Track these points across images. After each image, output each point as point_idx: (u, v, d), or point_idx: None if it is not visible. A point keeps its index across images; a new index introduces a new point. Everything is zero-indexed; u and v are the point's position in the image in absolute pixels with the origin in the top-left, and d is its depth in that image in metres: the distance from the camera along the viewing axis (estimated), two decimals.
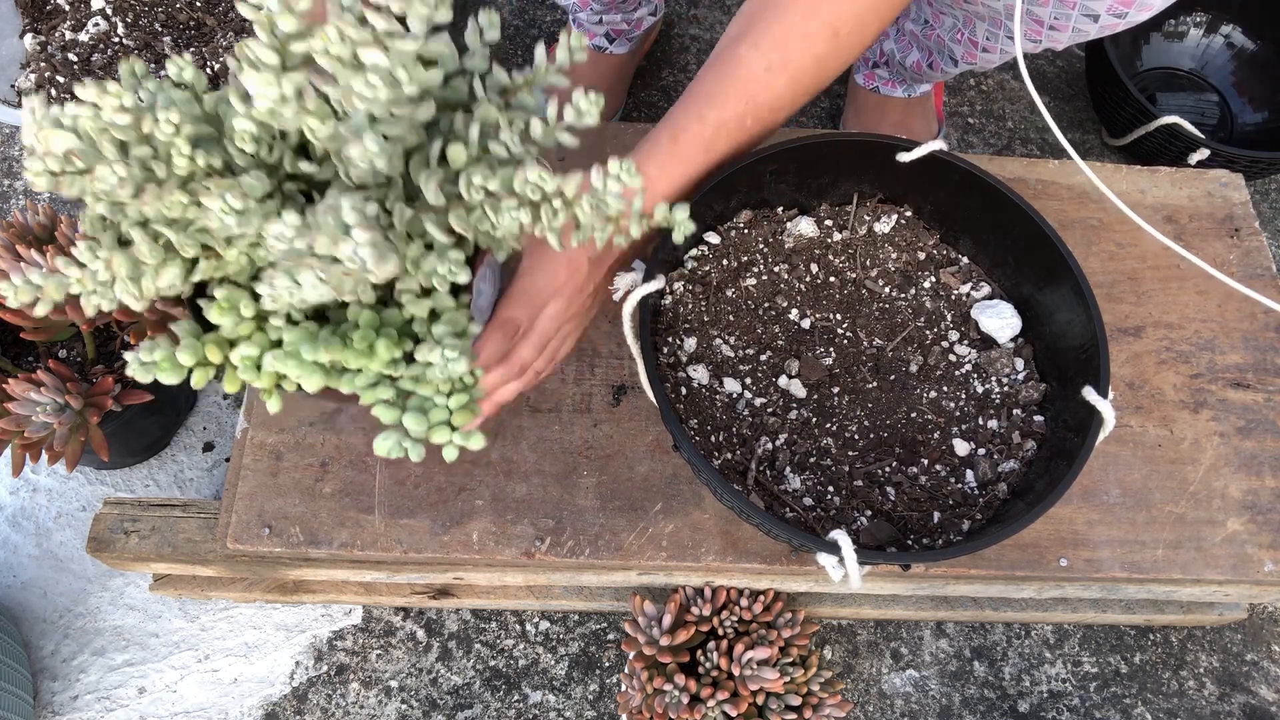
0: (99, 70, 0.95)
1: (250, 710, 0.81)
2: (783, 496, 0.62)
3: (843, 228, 0.72)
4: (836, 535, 0.55)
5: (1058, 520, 0.69)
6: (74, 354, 0.80)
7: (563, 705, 0.83)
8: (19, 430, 0.69)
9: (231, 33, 0.97)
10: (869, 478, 0.64)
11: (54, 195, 1.03)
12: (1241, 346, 0.77)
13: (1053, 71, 1.23)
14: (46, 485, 0.89)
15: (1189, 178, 0.85)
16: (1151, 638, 0.89)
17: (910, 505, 0.62)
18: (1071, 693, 0.86)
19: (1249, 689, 0.88)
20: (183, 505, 0.72)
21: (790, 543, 0.61)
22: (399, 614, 0.85)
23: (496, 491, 0.67)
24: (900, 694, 0.85)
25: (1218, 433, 0.74)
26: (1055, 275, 0.65)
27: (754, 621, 0.75)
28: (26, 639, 0.82)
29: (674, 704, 0.70)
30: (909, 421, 0.66)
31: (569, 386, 0.71)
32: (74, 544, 0.86)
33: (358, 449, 0.68)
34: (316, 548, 0.65)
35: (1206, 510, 0.71)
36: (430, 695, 0.82)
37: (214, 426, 0.92)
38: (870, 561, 0.56)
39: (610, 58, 1.05)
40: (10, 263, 0.69)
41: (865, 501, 0.62)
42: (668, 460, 0.69)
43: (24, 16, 0.98)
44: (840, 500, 0.63)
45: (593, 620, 0.86)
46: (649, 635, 0.74)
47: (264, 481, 0.66)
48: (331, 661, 0.83)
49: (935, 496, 0.63)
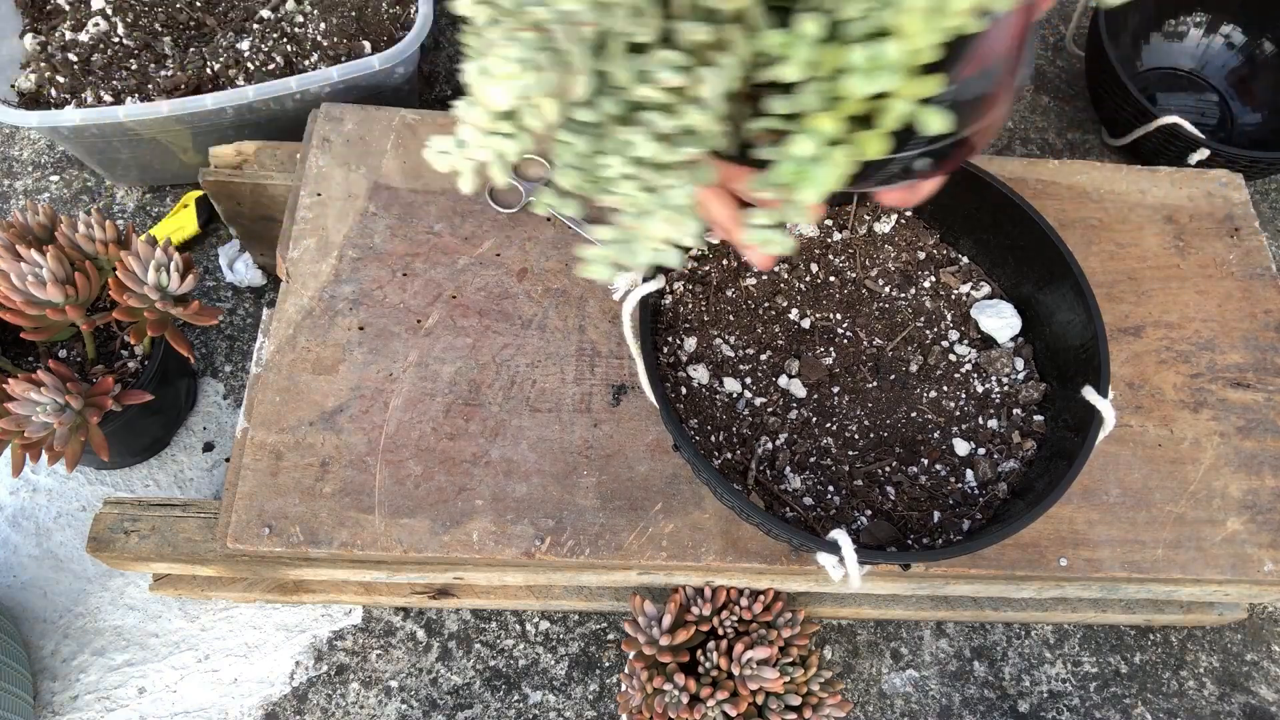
0: (99, 70, 0.95)
1: (250, 710, 0.81)
2: (783, 496, 0.62)
3: (843, 227, 0.72)
4: (836, 535, 0.55)
5: (1058, 520, 0.69)
6: (74, 354, 0.80)
7: (563, 705, 0.83)
8: (19, 430, 0.69)
9: (231, 32, 0.97)
10: (869, 477, 0.64)
11: (54, 196, 1.03)
12: (1241, 346, 0.77)
13: (1053, 71, 1.23)
14: (46, 485, 0.89)
15: (1189, 178, 0.85)
16: (1151, 638, 0.89)
17: (910, 505, 0.62)
18: (1071, 693, 0.86)
19: (1249, 689, 0.88)
20: (183, 505, 0.72)
21: (790, 542, 0.61)
22: (399, 614, 0.85)
23: (496, 491, 0.67)
24: (900, 694, 0.85)
25: (1218, 432, 0.74)
26: (1055, 275, 0.65)
27: (754, 621, 0.75)
28: (26, 639, 0.82)
29: (674, 704, 0.70)
30: (909, 421, 0.66)
31: (569, 386, 0.71)
32: (74, 544, 0.86)
33: (358, 449, 0.68)
34: (316, 547, 0.65)
35: (1206, 510, 0.71)
36: (430, 695, 0.82)
37: (214, 426, 0.92)
38: (870, 561, 0.56)
39: None
40: (10, 262, 0.69)
41: (865, 501, 0.62)
42: (668, 460, 0.69)
43: (24, 16, 0.98)
44: (840, 500, 0.63)
45: (593, 620, 0.86)
46: (649, 635, 0.74)
47: (264, 481, 0.66)
48: (331, 661, 0.83)
49: (935, 496, 0.63)
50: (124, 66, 0.95)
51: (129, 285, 0.70)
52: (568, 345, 0.73)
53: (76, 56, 0.95)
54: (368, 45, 0.97)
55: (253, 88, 0.87)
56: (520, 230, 0.77)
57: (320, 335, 0.71)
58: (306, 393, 0.69)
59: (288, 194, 0.81)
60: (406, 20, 1.00)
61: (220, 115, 0.89)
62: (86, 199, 1.04)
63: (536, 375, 0.71)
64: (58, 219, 0.74)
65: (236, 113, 0.89)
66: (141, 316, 0.72)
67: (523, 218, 0.77)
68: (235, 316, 0.98)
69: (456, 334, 0.72)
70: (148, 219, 1.03)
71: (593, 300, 0.74)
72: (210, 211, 1.01)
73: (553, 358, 0.72)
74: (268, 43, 0.95)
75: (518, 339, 0.72)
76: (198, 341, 0.96)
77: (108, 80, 0.94)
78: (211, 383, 0.95)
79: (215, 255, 1.00)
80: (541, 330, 0.73)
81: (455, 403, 0.70)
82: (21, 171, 1.05)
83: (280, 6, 0.99)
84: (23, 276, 0.68)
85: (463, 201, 0.78)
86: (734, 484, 0.62)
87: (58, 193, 1.04)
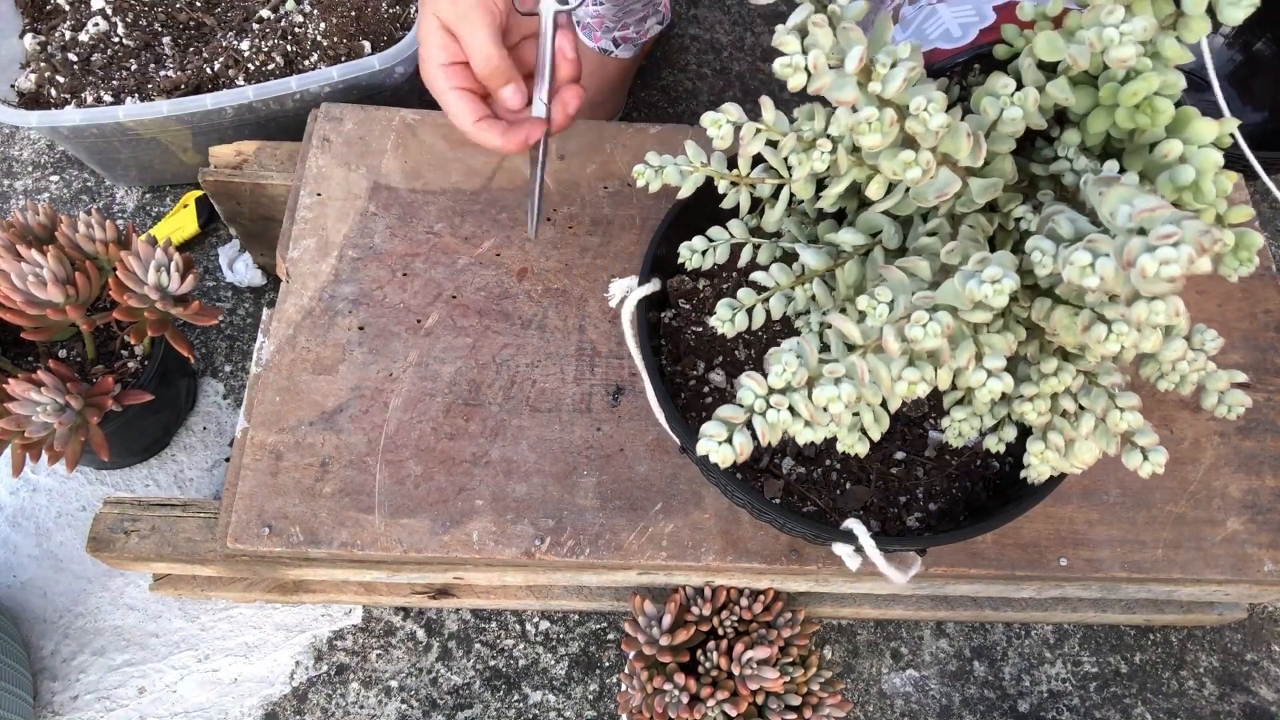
0: (99, 70, 0.95)
1: (250, 710, 0.81)
2: (793, 486, 0.62)
3: None
4: (851, 524, 0.55)
5: (1058, 519, 0.69)
6: (74, 354, 0.80)
7: (563, 705, 0.83)
8: (19, 430, 0.69)
9: (231, 33, 0.97)
10: (874, 464, 0.64)
11: (54, 196, 1.03)
12: (1241, 346, 0.77)
13: None
14: (46, 485, 0.89)
15: None
16: (1151, 638, 0.89)
17: (906, 489, 0.63)
18: (1071, 692, 0.86)
19: (1249, 689, 0.88)
20: (183, 505, 0.72)
21: (805, 536, 0.61)
22: (399, 614, 0.85)
23: (496, 491, 0.67)
24: (900, 694, 0.85)
25: (1218, 432, 0.74)
26: None
27: (754, 621, 0.76)
28: (26, 639, 0.82)
29: (674, 704, 0.70)
30: (915, 405, 0.66)
31: (569, 386, 0.71)
32: (74, 544, 0.86)
33: (358, 449, 0.68)
34: (316, 547, 0.65)
35: (1206, 510, 0.71)
36: (430, 695, 0.82)
37: (214, 426, 0.92)
38: (887, 548, 0.56)
39: (615, 60, 1.05)
40: (11, 262, 0.69)
41: (872, 486, 0.63)
42: (668, 460, 0.69)
43: (24, 16, 0.98)
44: (845, 489, 0.63)
45: (593, 620, 0.86)
46: (649, 635, 0.74)
47: (264, 481, 0.66)
48: (331, 661, 0.83)
49: (936, 480, 0.63)
50: (124, 66, 0.95)
51: (129, 285, 0.70)
52: (568, 345, 0.73)
53: (76, 56, 0.95)
54: (367, 45, 0.97)
55: (252, 88, 0.87)
56: (520, 230, 0.77)
57: (320, 335, 0.71)
58: (306, 393, 0.69)
59: (287, 194, 0.81)
60: (406, 20, 1.00)
61: (220, 115, 0.89)
62: (86, 199, 1.04)
63: (536, 375, 0.71)
64: (58, 219, 0.74)
65: (236, 113, 0.89)
66: (141, 316, 0.72)
67: (521, 217, 0.77)
68: (235, 316, 0.98)
69: (456, 334, 0.72)
70: (148, 219, 1.03)
71: (593, 300, 0.74)
72: (210, 211, 1.01)
73: (553, 358, 0.72)
74: (268, 43, 0.95)
75: (518, 339, 0.72)
76: (198, 341, 0.97)
77: (108, 80, 0.94)
78: (211, 383, 0.95)
79: (215, 255, 1.00)
80: (541, 330, 0.73)
81: (455, 403, 0.70)
82: (21, 171, 1.05)
83: (280, 6, 0.99)
84: (23, 276, 0.68)
85: (463, 201, 0.78)
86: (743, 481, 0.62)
87: (58, 193, 1.04)
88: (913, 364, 0.41)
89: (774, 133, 0.48)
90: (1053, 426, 0.48)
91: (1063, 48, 0.41)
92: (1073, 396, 0.47)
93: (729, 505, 0.68)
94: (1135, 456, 0.45)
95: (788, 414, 0.41)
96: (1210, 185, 0.39)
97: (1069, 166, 0.47)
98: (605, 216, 0.78)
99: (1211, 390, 0.45)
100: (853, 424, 0.48)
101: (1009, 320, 0.46)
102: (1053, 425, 0.48)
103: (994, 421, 0.52)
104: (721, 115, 0.47)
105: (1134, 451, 0.45)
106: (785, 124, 0.49)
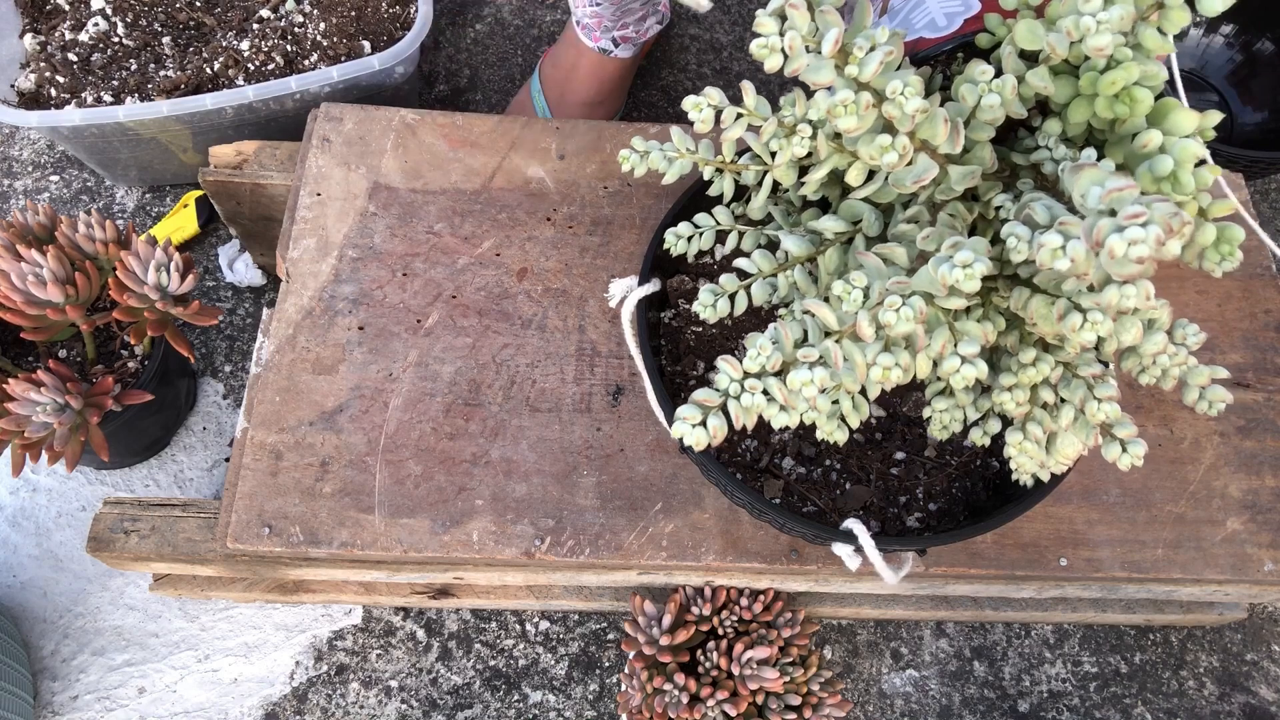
0: (99, 70, 0.95)
1: (250, 710, 0.81)
2: (793, 486, 0.62)
3: None
4: (851, 524, 0.55)
5: (1058, 520, 0.69)
6: (74, 354, 0.80)
7: (563, 705, 0.83)
8: (19, 430, 0.69)
9: (231, 32, 0.97)
10: (874, 464, 0.64)
11: (54, 196, 1.03)
12: (1241, 346, 0.77)
13: None
14: (46, 485, 0.89)
15: None
16: (1151, 638, 0.89)
17: (906, 489, 0.63)
18: (1071, 692, 0.86)
19: (1249, 689, 0.88)
20: (183, 505, 0.72)
21: (804, 536, 0.61)
22: (399, 614, 0.85)
23: (496, 491, 0.67)
24: (900, 694, 0.85)
25: (1218, 432, 0.74)
26: None
27: (754, 621, 0.76)
28: (26, 639, 0.82)
29: (674, 703, 0.70)
30: (916, 404, 0.66)
31: (569, 386, 0.71)
32: (74, 544, 0.86)
33: (358, 449, 0.68)
34: (316, 547, 0.65)
35: (1206, 510, 0.71)
36: (430, 695, 0.82)
37: (214, 426, 0.92)
38: (887, 549, 0.56)
39: (615, 60, 1.05)
40: (10, 262, 0.69)
41: (872, 486, 0.63)
42: (668, 460, 0.69)
43: (24, 16, 0.98)
44: (845, 489, 0.63)
45: (593, 620, 0.86)
46: (649, 635, 0.74)
47: (264, 481, 0.66)
48: (331, 661, 0.83)
49: (936, 480, 0.63)
50: (124, 66, 0.95)
51: (129, 285, 0.70)
52: (567, 345, 0.73)
53: (76, 56, 0.95)
54: (367, 45, 0.97)
55: (252, 88, 0.87)
56: (520, 230, 0.77)
57: (320, 335, 0.71)
58: (306, 393, 0.69)
59: (287, 194, 0.81)
60: (406, 20, 1.00)
61: (220, 115, 0.89)
62: (86, 199, 1.04)
63: (536, 375, 0.71)
64: (58, 219, 0.74)
65: (236, 112, 0.89)
66: (141, 316, 0.72)
67: (521, 216, 0.77)
68: (235, 316, 0.98)
69: (456, 334, 0.72)
70: (148, 219, 1.03)
71: (593, 300, 0.74)
72: (210, 211, 1.01)
73: (553, 358, 0.72)
74: (267, 43, 0.95)
75: (518, 339, 0.72)
76: (198, 341, 0.97)
77: (107, 80, 0.94)
78: (211, 383, 0.95)
79: (215, 255, 1.00)
80: (541, 330, 0.73)
81: (455, 403, 0.70)
82: (21, 171, 1.05)
83: (280, 6, 0.99)
84: (23, 276, 0.68)
85: (463, 201, 0.78)
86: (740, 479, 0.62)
87: (58, 193, 1.04)
88: (888, 350, 0.41)
89: (755, 117, 0.48)
90: (1032, 418, 0.48)
91: (1042, 36, 0.41)
92: (1052, 388, 0.47)
93: (729, 505, 0.68)
94: (1114, 448, 0.45)
95: (762, 398, 0.41)
96: (1189, 176, 0.39)
97: (1049, 155, 0.47)
98: (605, 216, 0.78)
99: (1192, 385, 0.45)
100: (832, 411, 0.48)
101: (989, 310, 0.46)
102: (1032, 416, 0.48)
103: (977, 415, 0.52)
104: (703, 99, 0.47)
105: (1113, 443, 0.45)
106: (768, 109, 0.49)
